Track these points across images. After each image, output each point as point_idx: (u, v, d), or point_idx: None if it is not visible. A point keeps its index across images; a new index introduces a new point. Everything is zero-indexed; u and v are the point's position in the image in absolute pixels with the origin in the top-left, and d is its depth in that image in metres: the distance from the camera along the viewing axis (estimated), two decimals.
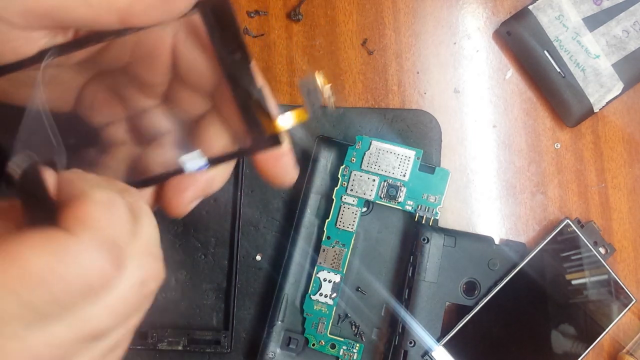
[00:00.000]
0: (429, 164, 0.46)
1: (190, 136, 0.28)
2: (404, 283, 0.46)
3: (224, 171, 0.27)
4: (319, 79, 0.24)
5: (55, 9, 0.21)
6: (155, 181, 0.26)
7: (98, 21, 0.22)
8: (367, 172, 0.45)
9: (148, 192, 0.26)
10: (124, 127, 0.28)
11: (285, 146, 0.26)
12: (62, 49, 0.23)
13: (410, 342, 0.45)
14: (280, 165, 0.27)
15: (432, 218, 0.46)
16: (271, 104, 0.25)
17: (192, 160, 0.25)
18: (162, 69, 0.26)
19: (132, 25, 0.23)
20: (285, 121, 0.25)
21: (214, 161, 0.26)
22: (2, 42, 0.22)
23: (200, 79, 0.26)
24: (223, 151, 0.26)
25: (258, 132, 0.25)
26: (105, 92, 0.28)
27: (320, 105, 0.25)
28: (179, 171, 0.25)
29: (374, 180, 0.45)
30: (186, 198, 0.25)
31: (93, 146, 0.28)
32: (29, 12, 0.21)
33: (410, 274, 0.46)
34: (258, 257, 0.47)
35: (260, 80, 0.25)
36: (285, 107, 0.48)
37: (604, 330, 0.47)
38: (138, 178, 0.26)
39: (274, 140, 0.25)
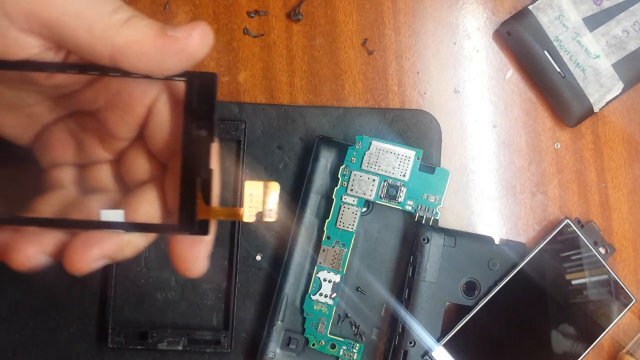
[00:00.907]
0: (429, 164, 0.46)
1: (122, 193, 0.27)
2: (404, 283, 0.46)
3: (140, 241, 0.25)
4: (266, 190, 0.23)
5: (58, 22, 0.22)
6: (65, 224, 0.24)
7: (92, 49, 0.22)
8: (367, 172, 0.45)
9: (52, 238, 0.24)
10: (70, 173, 0.27)
11: (208, 237, 0.24)
12: (44, 66, 0.23)
13: (410, 342, 0.45)
14: (193, 252, 0.25)
15: (432, 218, 0.46)
16: (214, 190, 0.24)
17: (112, 218, 0.24)
18: (132, 124, 0.26)
19: (120, 66, 0.22)
20: (220, 213, 0.24)
21: (134, 227, 0.24)
22: None
23: (162, 146, 0.26)
24: (147, 220, 0.25)
25: (190, 213, 0.23)
26: (64, 134, 0.27)
27: (259, 213, 0.23)
28: (94, 224, 0.24)
29: (374, 180, 0.45)
30: (90, 255, 0.23)
31: (34, 184, 0.27)
32: (32, 16, 0.21)
33: (410, 274, 0.46)
34: (258, 257, 0.47)
35: (214, 164, 0.24)
36: (285, 108, 0.48)
37: (604, 330, 0.47)
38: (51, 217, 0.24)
39: (202, 227, 0.24)
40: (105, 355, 0.46)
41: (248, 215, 0.23)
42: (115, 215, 0.24)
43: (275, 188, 0.23)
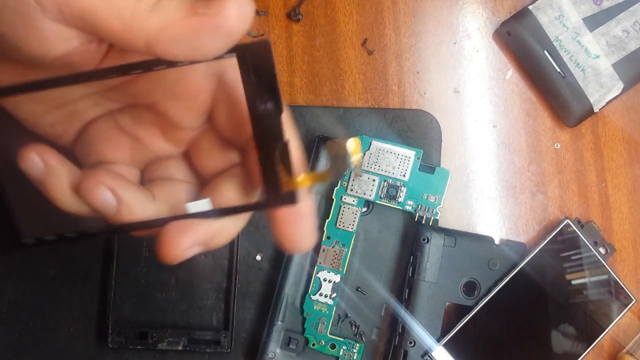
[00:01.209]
0: (429, 164, 0.46)
1: (202, 184, 0.26)
2: (404, 283, 0.46)
3: (234, 225, 0.24)
4: (351, 147, 0.23)
5: (89, 13, 0.21)
6: (156, 224, 0.24)
7: (126, 40, 0.21)
8: (367, 172, 0.45)
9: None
10: (133, 171, 0.26)
11: (305, 207, 0.24)
12: (84, 77, 0.22)
13: (410, 342, 0.45)
14: (297, 227, 0.24)
15: (432, 218, 0.46)
16: (295, 160, 0.23)
17: (199, 208, 0.24)
18: (198, 113, 0.25)
19: (157, 54, 0.21)
20: (306, 180, 0.23)
21: (223, 212, 0.24)
22: (32, 29, 0.21)
23: (233, 127, 0.25)
24: (234, 203, 0.24)
25: (274, 187, 0.23)
26: (113, 130, 0.26)
27: (345, 171, 0.23)
28: (184, 218, 0.24)
29: (374, 180, 0.45)
30: (184, 242, 0.23)
31: None
32: (64, 6, 0.20)
33: (410, 274, 0.46)
34: (258, 257, 0.47)
35: (288, 133, 0.23)
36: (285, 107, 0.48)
37: (604, 330, 0.47)
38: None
39: (290, 197, 0.23)
40: (105, 355, 0.46)
41: (335, 175, 0.23)
42: (202, 205, 0.24)
43: (356, 142, 0.23)
